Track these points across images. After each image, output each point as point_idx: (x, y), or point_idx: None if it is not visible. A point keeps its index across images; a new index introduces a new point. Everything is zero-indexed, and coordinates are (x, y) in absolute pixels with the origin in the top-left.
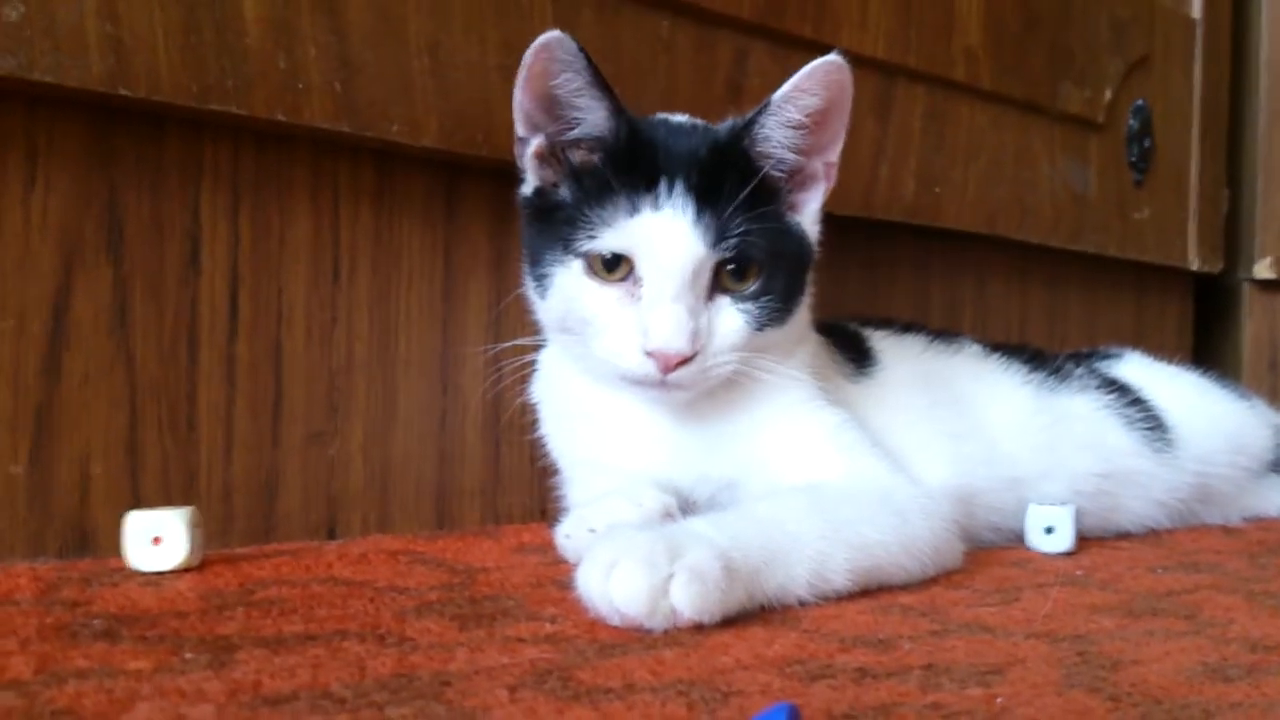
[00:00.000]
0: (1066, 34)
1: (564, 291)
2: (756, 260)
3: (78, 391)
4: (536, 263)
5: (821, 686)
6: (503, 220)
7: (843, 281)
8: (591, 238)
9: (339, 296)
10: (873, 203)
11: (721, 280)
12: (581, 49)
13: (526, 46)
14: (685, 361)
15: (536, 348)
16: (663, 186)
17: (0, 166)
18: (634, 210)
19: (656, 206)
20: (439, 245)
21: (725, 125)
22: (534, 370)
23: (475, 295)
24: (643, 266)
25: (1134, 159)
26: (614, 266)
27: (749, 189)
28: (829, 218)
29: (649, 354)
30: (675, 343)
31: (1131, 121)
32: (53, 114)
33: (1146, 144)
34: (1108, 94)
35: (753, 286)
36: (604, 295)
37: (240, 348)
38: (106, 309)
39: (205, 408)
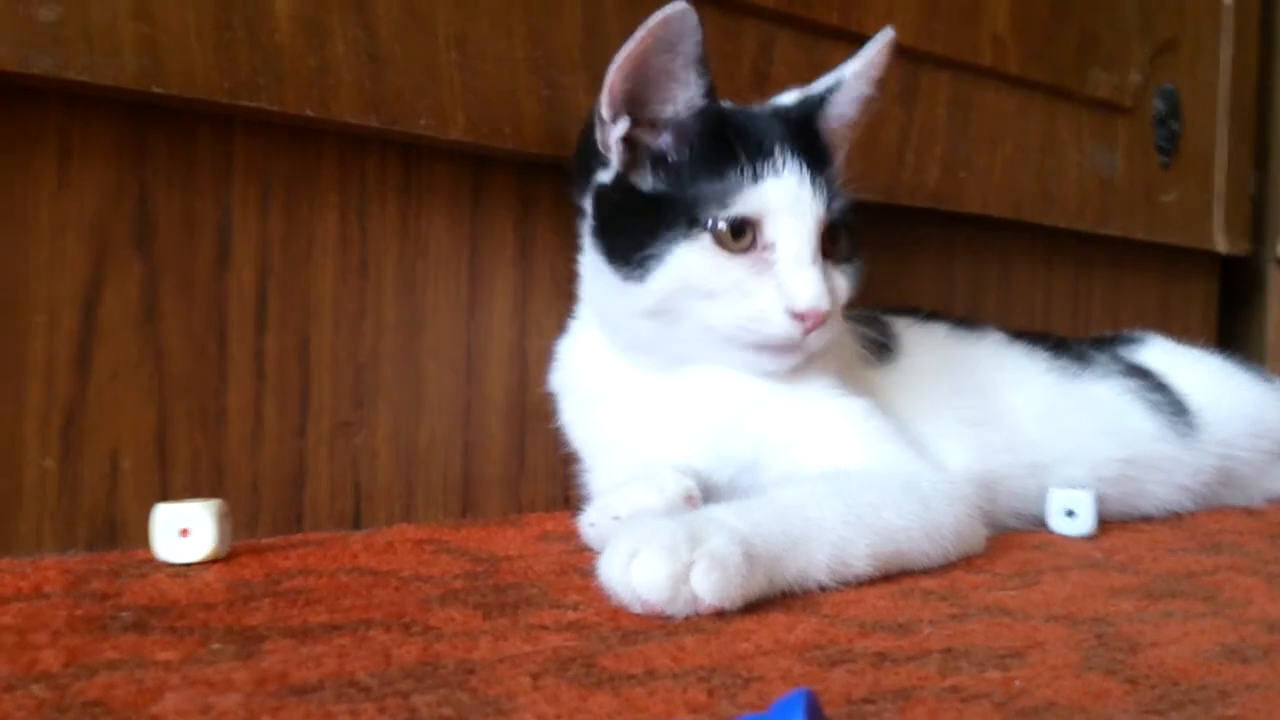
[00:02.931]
0: (1094, 18)
1: (684, 268)
2: (848, 224)
3: (108, 386)
4: (635, 247)
5: (841, 671)
6: (528, 212)
7: (867, 266)
8: (724, 207)
9: (366, 289)
10: (897, 189)
11: (821, 245)
12: (701, 24)
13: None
14: (823, 322)
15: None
16: (777, 153)
17: (33, 164)
18: (757, 177)
19: (778, 172)
20: (465, 238)
21: (788, 99)
22: (554, 358)
23: (501, 287)
24: (773, 230)
25: (1161, 142)
26: (740, 235)
27: (836, 157)
28: (853, 204)
29: (797, 315)
30: (823, 302)
31: (1159, 105)
32: (86, 112)
33: (1174, 127)
34: (1135, 78)
35: (846, 250)
36: (736, 264)
37: (269, 341)
38: (136, 304)
39: (234, 401)
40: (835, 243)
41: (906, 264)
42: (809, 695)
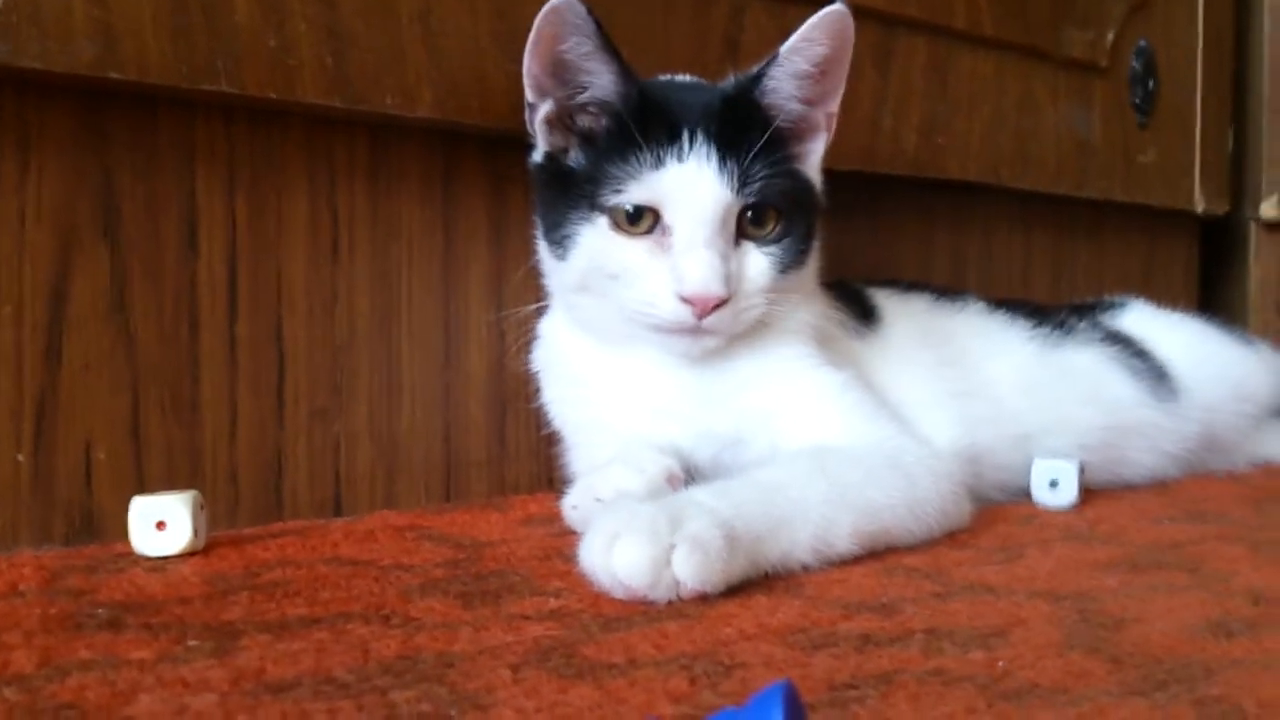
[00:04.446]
0: None
1: (589, 249)
2: (775, 205)
3: (80, 376)
4: (556, 225)
5: (824, 656)
6: (500, 191)
7: (847, 236)
8: (618, 192)
9: (339, 273)
10: (875, 156)
11: (744, 227)
12: (591, 12)
13: (520, 13)
14: (719, 306)
15: (542, 311)
16: (684, 138)
17: None
18: (659, 163)
19: (681, 158)
20: (437, 218)
21: (734, 79)
22: (535, 337)
23: (475, 267)
24: (671, 216)
25: (1137, 101)
26: (638, 219)
27: (765, 138)
28: (832, 173)
29: (685, 299)
30: (711, 286)
31: (1134, 63)
32: (44, 100)
33: (1150, 86)
34: (1110, 36)
35: (774, 231)
36: (633, 248)
37: (241, 328)
38: (105, 293)
39: (208, 389)
40: (761, 224)
41: (886, 233)
42: (788, 688)
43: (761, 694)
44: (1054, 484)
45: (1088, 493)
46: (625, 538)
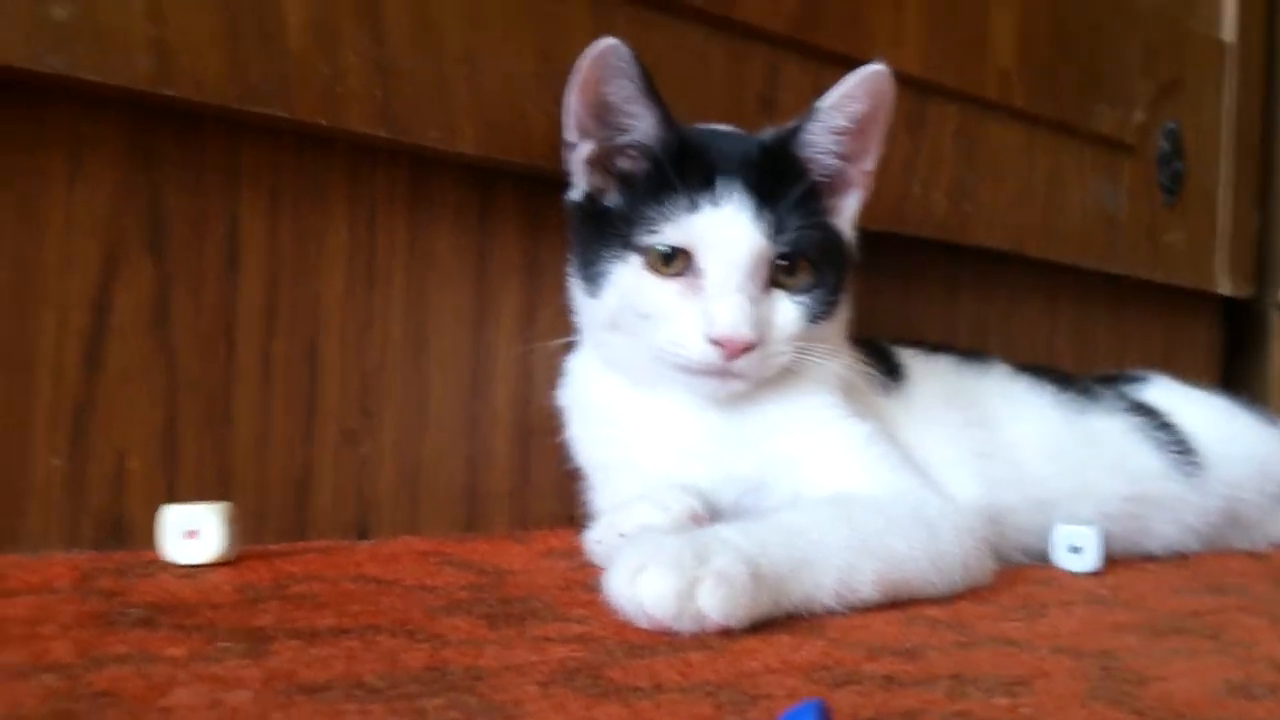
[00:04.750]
0: (1098, 56)
1: (621, 287)
2: (808, 256)
3: (118, 386)
4: (589, 262)
5: (848, 692)
6: (534, 226)
7: (875, 295)
8: (653, 233)
9: (374, 299)
10: (904, 218)
11: (776, 275)
12: (636, 57)
13: (563, 56)
14: (747, 350)
15: (570, 346)
16: (720, 184)
17: (45, 164)
18: (694, 207)
19: (717, 203)
20: (472, 251)
21: (773, 130)
22: (563, 374)
23: (507, 301)
24: (704, 259)
25: (1165, 181)
26: (671, 261)
27: (800, 189)
28: (861, 232)
29: (713, 341)
30: (740, 329)
31: (1163, 144)
32: (97, 113)
33: (1177, 167)
34: (1139, 116)
35: (805, 280)
36: (665, 288)
37: (277, 347)
38: (147, 305)
39: (241, 405)
40: (793, 273)
41: (912, 296)
42: (821, 705)
43: (794, 710)
44: (1076, 549)
45: (1108, 561)
46: (651, 569)
